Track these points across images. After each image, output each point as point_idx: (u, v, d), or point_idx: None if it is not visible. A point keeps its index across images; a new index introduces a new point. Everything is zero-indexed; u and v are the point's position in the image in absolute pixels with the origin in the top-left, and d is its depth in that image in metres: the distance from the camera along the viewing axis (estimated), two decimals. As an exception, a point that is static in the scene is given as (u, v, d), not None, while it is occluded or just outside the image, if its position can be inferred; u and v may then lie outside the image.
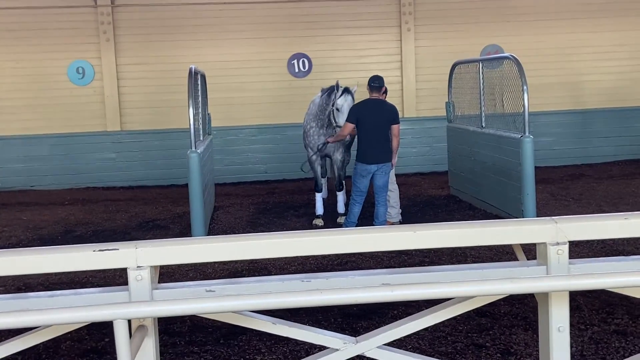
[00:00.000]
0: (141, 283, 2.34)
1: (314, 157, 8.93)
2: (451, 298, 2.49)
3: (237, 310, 2.28)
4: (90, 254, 2.34)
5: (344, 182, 9.06)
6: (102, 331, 5.15)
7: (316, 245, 2.49)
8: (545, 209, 8.98)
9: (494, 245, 6.91)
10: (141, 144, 12.64)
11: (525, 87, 8.05)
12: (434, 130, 12.73)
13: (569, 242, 2.45)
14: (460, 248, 7.04)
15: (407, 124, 12.54)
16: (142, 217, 9.77)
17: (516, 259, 2.73)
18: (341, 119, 8.23)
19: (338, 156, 8.88)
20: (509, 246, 2.66)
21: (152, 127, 12.60)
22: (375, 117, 7.92)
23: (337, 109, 8.30)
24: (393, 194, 8.59)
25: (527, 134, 8.02)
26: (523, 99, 8.06)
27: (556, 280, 2.25)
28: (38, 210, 10.47)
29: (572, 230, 2.45)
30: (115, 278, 6.46)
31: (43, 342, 2.53)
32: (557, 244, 2.43)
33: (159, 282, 2.50)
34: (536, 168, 8.28)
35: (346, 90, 8.34)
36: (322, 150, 8.75)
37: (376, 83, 8.05)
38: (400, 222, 8.69)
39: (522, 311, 5.32)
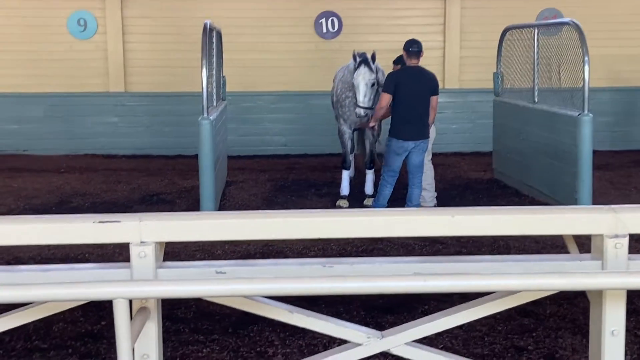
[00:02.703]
0: (144, 260, 2.36)
1: (345, 128, 8.93)
2: (492, 292, 2.49)
3: (250, 294, 2.30)
4: (89, 226, 2.36)
5: (374, 160, 9.06)
6: (98, 313, 5.23)
7: (340, 227, 2.50)
8: (602, 199, 8.90)
9: (542, 237, 6.88)
10: (147, 108, 12.71)
11: (586, 58, 7.94)
12: (478, 104, 12.63)
13: (630, 235, 2.43)
14: (502, 238, 7.02)
15: (447, 97, 12.46)
16: (145, 190, 9.86)
17: (566, 253, 2.71)
18: (357, 95, 8.21)
19: (372, 130, 8.87)
20: (558, 239, 2.65)
21: (160, 89, 12.66)
22: (414, 87, 7.88)
23: (353, 84, 8.31)
24: (427, 175, 8.57)
25: (586, 112, 7.93)
26: (583, 72, 7.96)
27: (612, 277, 2.24)
28: (30, 177, 10.62)
29: (634, 222, 2.42)
30: (115, 256, 6.55)
31: (33, 322, 2.58)
32: (616, 236, 2.41)
33: (163, 261, 2.53)
34: (594, 152, 8.19)
35: (363, 62, 8.25)
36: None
37: (415, 47, 7.99)
38: (436, 207, 8.68)
39: (570, 312, 5.31)
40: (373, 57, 8.30)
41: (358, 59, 8.29)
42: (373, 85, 8.26)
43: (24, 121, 12.56)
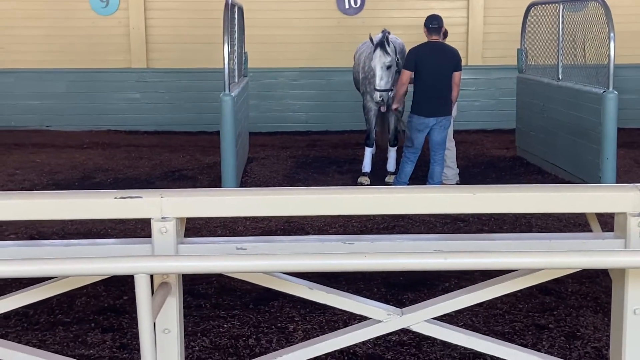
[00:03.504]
0: (166, 236, 2.37)
1: (371, 105, 8.87)
2: (513, 270, 2.47)
3: (271, 270, 2.31)
4: (111, 202, 2.38)
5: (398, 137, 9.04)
6: (120, 288, 5.30)
7: (361, 204, 2.49)
8: (626, 177, 8.81)
9: (564, 215, 6.83)
10: (169, 84, 12.73)
11: (612, 35, 7.84)
12: (501, 81, 12.51)
13: (654, 213, 2.40)
14: (525, 216, 6.98)
15: (470, 73, 12.33)
16: (167, 165, 9.91)
17: (589, 231, 2.69)
18: (375, 79, 8.17)
19: (395, 111, 8.83)
20: (581, 217, 2.63)
21: (182, 65, 12.66)
22: (436, 63, 7.83)
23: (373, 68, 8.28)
24: (450, 153, 8.55)
25: (610, 89, 7.84)
26: (609, 49, 7.87)
27: (636, 256, 2.21)
28: (54, 153, 10.71)
29: (659, 200, 2.39)
30: (136, 231, 6.60)
31: (56, 296, 2.62)
32: (640, 214, 2.39)
33: (184, 237, 2.54)
34: (619, 129, 8.10)
35: (379, 45, 8.17)
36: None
37: (435, 24, 7.93)
38: (458, 185, 8.64)
39: (592, 291, 5.28)
40: (387, 39, 8.22)
41: (375, 42, 8.24)
42: (389, 67, 8.19)
43: (46, 97, 12.64)
